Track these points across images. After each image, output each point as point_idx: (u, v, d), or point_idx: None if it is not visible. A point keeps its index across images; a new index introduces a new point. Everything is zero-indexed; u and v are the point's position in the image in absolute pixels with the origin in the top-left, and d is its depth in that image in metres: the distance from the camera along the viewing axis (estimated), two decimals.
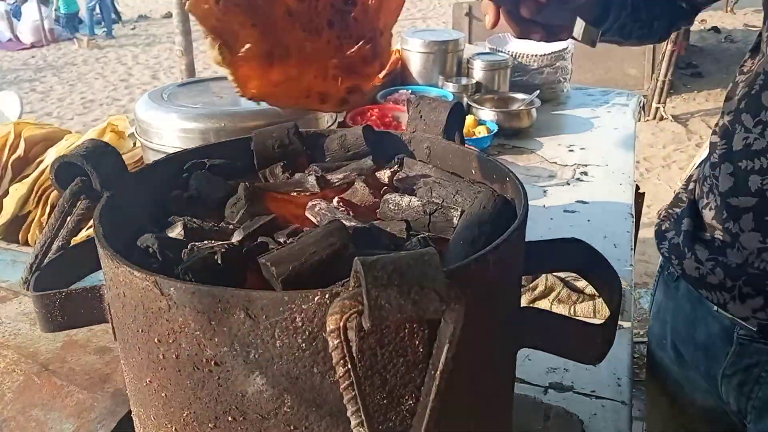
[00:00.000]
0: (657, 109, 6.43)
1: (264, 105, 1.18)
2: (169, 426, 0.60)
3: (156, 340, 0.56)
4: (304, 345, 0.52)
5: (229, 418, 0.56)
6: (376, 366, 0.52)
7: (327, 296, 0.50)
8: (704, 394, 1.08)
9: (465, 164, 0.81)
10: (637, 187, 2.12)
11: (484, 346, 0.60)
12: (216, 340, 0.53)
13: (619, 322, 1.28)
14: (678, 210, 1.07)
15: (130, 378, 0.63)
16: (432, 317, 0.47)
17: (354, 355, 0.49)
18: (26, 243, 1.47)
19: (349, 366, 0.48)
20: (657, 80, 6.41)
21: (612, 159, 2.07)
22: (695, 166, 1.11)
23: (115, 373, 0.93)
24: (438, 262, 0.46)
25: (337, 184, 0.79)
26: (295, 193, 0.78)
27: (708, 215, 0.97)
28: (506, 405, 0.70)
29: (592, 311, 1.26)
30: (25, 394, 0.91)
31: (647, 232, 1.91)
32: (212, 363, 0.54)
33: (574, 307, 1.27)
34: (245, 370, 0.53)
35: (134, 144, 1.67)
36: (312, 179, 0.78)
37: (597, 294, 1.30)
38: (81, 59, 9.67)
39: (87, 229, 1.21)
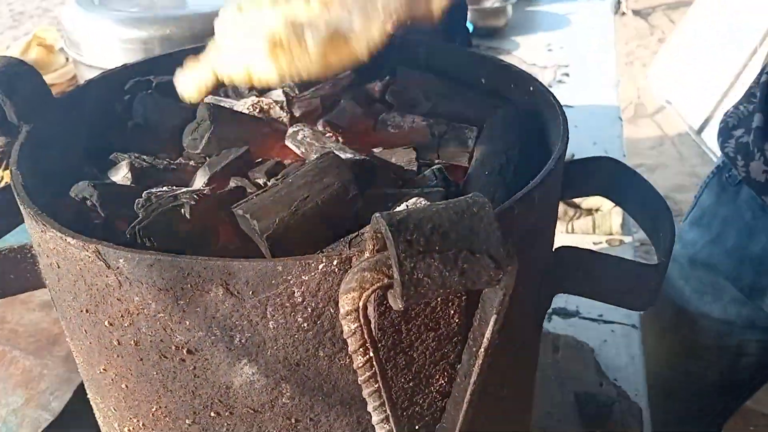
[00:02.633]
0: (619, 3, 6.25)
1: (216, 6, 1.00)
2: (134, 420, 0.48)
3: (107, 323, 0.43)
4: (306, 325, 0.40)
5: (212, 414, 0.44)
6: (401, 344, 0.41)
7: (335, 263, 0.38)
8: (726, 304, 1.00)
9: (473, 71, 0.67)
10: None
11: (522, 301, 0.49)
12: (187, 323, 0.40)
13: (620, 237, 1.19)
14: (750, 106, 0.93)
15: (80, 362, 0.51)
16: (483, 288, 0.35)
17: (375, 338, 0.37)
18: None
19: (371, 354, 0.36)
20: None
21: (593, 58, 1.93)
22: None
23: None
24: (492, 214, 0.33)
25: (313, 108, 0.64)
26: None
27: None
28: (534, 357, 0.60)
29: (591, 227, 1.17)
30: None
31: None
32: (184, 351, 0.41)
33: (572, 224, 1.18)
34: (229, 357, 0.41)
35: (67, 59, 1.46)
36: (278, 109, 0.63)
37: (595, 208, 1.21)
38: None
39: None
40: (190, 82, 0.48)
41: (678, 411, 1.14)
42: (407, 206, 0.44)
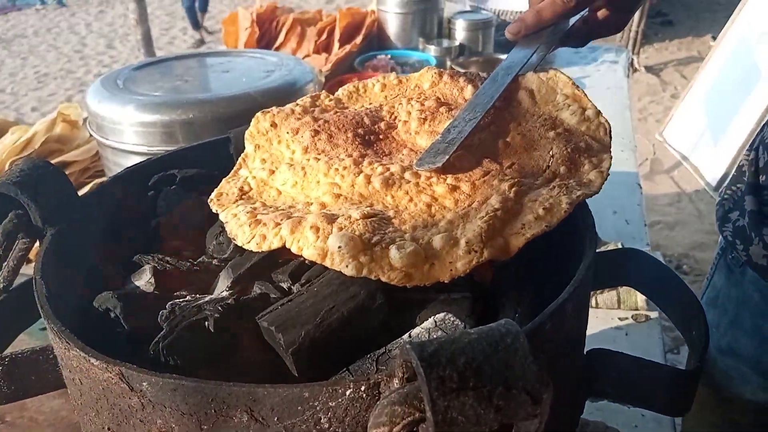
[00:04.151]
0: (631, 60, 6.33)
1: (238, 90, 1.02)
2: None
3: None
4: None
5: None
6: None
7: (363, 388, 0.36)
8: (755, 389, 0.97)
9: None
10: None
11: (555, 414, 0.47)
12: None
13: (646, 312, 1.17)
14: (742, 186, 0.91)
15: None
16: (519, 422, 0.34)
17: None
18: None
19: None
20: (630, 31, 6.29)
21: (609, 122, 1.94)
22: (759, 130, 0.94)
23: None
24: (527, 346, 0.32)
25: None
26: None
27: None
28: None
29: (616, 301, 1.15)
30: None
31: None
32: None
33: (596, 298, 1.15)
34: None
35: (90, 135, 1.49)
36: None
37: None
38: (32, 30, 9.19)
39: None
40: (254, 240, 0.48)
41: None
42: (435, 322, 0.43)
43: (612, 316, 1.14)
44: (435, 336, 0.43)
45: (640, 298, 1.14)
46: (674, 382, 0.51)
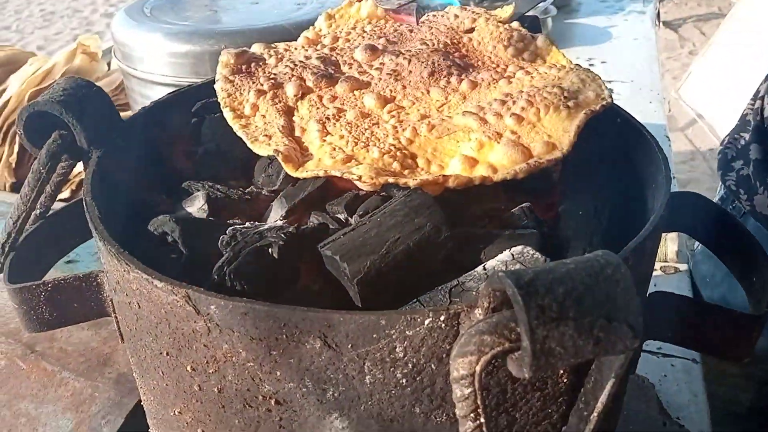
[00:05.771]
0: (658, 11, 6.19)
1: (270, 21, 0.98)
2: None
3: (189, 368, 0.41)
4: (404, 381, 0.37)
5: None
6: (504, 404, 0.38)
7: (443, 318, 0.35)
8: None
9: None
10: None
11: None
12: (278, 374, 0.38)
13: (675, 264, 1.15)
14: (746, 135, 0.92)
15: (150, 400, 0.49)
16: (615, 355, 0.32)
17: (487, 404, 0.34)
18: None
19: (482, 420, 0.34)
20: None
21: (637, 74, 1.89)
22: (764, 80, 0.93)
23: (116, 353, 0.79)
24: (630, 278, 0.31)
25: None
26: None
27: None
28: (620, 410, 0.57)
29: None
30: (10, 382, 0.76)
31: None
32: (272, 401, 0.39)
33: None
34: (319, 410, 0.39)
35: (108, 66, 1.45)
36: None
37: None
38: None
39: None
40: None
41: None
42: (512, 255, 0.42)
43: None
44: (513, 269, 0.42)
45: (670, 250, 1.12)
46: (737, 326, 0.50)
